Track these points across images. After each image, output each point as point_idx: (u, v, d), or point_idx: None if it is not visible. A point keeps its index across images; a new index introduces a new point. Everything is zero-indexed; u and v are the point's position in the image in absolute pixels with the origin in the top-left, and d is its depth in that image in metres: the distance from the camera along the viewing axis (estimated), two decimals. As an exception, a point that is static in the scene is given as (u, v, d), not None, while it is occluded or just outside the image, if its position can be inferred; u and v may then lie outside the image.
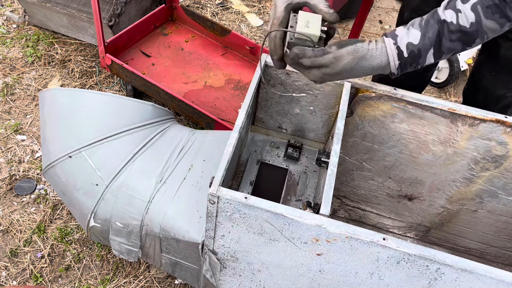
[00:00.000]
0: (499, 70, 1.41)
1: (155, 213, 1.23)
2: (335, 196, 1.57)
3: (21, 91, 2.19)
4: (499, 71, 1.41)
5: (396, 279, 0.96)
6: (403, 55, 0.88)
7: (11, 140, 1.99)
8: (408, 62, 0.89)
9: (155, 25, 2.29)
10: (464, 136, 1.22)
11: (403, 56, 0.89)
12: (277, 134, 1.44)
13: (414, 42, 0.88)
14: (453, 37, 0.86)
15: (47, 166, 1.36)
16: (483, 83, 1.46)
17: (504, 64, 1.38)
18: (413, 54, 0.88)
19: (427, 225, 1.56)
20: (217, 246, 1.06)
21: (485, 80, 1.45)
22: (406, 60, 0.89)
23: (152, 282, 1.62)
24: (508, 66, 1.38)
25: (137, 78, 1.95)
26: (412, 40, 0.88)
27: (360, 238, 0.89)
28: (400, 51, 0.88)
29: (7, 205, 1.78)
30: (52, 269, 1.63)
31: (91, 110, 1.37)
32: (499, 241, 1.51)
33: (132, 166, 1.30)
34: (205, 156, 1.35)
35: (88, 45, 2.41)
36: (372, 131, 1.29)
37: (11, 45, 2.39)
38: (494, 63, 1.41)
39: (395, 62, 0.89)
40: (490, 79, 1.44)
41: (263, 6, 2.87)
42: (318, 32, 0.89)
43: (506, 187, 1.31)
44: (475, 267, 0.86)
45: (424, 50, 0.88)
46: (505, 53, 1.35)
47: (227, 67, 2.17)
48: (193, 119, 1.89)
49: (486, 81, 1.45)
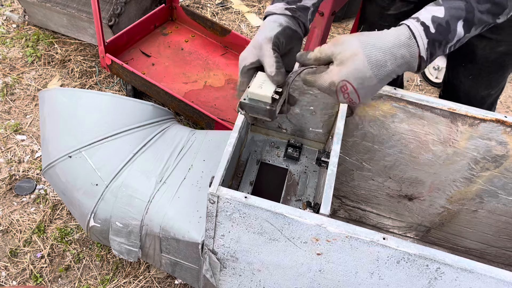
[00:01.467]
0: (478, 73, 1.37)
1: (155, 213, 1.23)
2: (335, 196, 1.57)
3: (21, 91, 2.19)
4: (478, 74, 1.37)
5: (396, 279, 0.96)
6: (429, 31, 0.77)
7: (11, 140, 1.99)
8: (437, 39, 0.78)
9: (155, 25, 2.29)
10: (464, 136, 1.22)
11: (430, 32, 0.77)
12: (277, 134, 1.44)
13: (439, 15, 0.78)
14: (482, 8, 0.78)
15: (47, 166, 1.36)
16: (463, 87, 1.43)
17: (482, 65, 1.34)
18: (440, 28, 0.77)
19: (427, 225, 1.56)
20: (217, 246, 1.06)
21: (464, 85, 1.42)
22: (434, 36, 0.77)
23: (152, 282, 1.62)
24: (487, 67, 1.34)
25: (137, 78, 1.95)
26: (437, 14, 0.78)
27: (360, 238, 0.89)
28: (425, 27, 0.77)
29: (7, 205, 1.78)
30: (52, 269, 1.63)
31: (91, 110, 1.37)
32: (499, 241, 1.51)
33: (132, 166, 1.30)
34: (205, 156, 1.35)
35: (88, 45, 2.41)
36: (372, 131, 1.29)
37: (11, 45, 2.39)
38: (471, 66, 1.37)
39: (423, 41, 0.77)
40: (470, 83, 1.40)
41: (263, 6, 2.87)
42: (270, 93, 0.85)
43: (506, 187, 1.31)
44: (475, 266, 0.86)
45: (453, 21, 0.78)
46: (482, 53, 1.31)
47: (227, 67, 2.17)
48: (193, 119, 1.89)
49: (466, 86, 1.42)
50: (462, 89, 1.44)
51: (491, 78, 1.38)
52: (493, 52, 1.30)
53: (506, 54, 1.31)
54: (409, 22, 0.79)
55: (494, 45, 1.28)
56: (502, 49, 1.29)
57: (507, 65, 1.35)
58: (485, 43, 1.28)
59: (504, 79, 1.42)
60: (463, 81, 1.42)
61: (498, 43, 1.28)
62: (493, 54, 1.31)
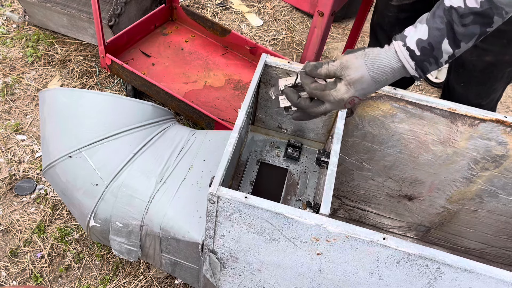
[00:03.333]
0: (468, 81, 1.37)
1: (155, 213, 1.23)
2: (335, 196, 1.58)
3: (21, 91, 2.19)
4: (468, 82, 1.38)
5: (396, 279, 0.96)
6: (415, 54, 0.84)
7: (11, 140, 1.99)
8: (424, 59, 0.84)
9: (155, 25, 2.29)
10: (464, 136, 1.22)
11: (415, 55, 0.84)
12: (277, 134, 1.45)
13: (422, 37, 0.83)
14: (466, 21, 0.80)
15: (47, 166, 1.37)
16: (455, 95, 1.44)
17: (471, 73, 1.34)
18: (424, 50, 0.83)
19: (427, 225, 1.56)
20: (217, 245, 1.06)
21: (457, 92, 1.43)
22: (420, 58, 0.84)
23: (152, 282, 1.62)
24: (475, 76, 1.34)
25: (137, 78, 1.95)
26: (421, 36, 0.83)
27: (360, 238, 0.89)
28: (411, 51, 0.84)
29: (7, 205, 1.78)
30: (52, 269, 1.63)
31: (91, 110, 1.37)
32: (499, 241, 1.51)
33: (132, 166, 1.30)
34: (205, 156, 1.35)
35: (88, 45, 2.41)
36: (372, 131, 1.29)
37: (11, 45, 2.39)
38: (461, 72, 1.37)
39: (410, 64, 0.85)
40: (461, 91, 1.41)
41: (263, 6, 2.87)
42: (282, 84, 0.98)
43: (506, 187, 1.31)
44: (475, 266, 0.86)
45: (435, 42, 0.82)
46: (470, 59, 1.31)
47: (227, 67, 2.17)
48: (193, 119, 1.89)
49: (458, 93, 1.43)
50: (455, 96, 1.45)
51: (479, 88, 1.38)
52: (480, 61, 1.30)
53: (493, 65, 1.30)
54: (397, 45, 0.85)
55: (480, 53, 1.28)
56: (489, 59, 1.28)
57: (495, 77, 1.34)
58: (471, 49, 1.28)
59: (495, 92, 1.40)
60: (456, 88, 1.43)
61: (484, 51, 1.27)
62: (480, 63, 1.30)
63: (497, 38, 1.22)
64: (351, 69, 0.87)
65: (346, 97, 0.89)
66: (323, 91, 0.90)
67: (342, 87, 0.88)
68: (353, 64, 0.87)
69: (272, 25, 2.75)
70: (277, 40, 2.66)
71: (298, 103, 0.95)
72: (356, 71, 0.86)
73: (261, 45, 2.20)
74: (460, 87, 1.41)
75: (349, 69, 0.87)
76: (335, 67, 0.88)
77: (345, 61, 0.87)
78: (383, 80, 0.88)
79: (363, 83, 0.87)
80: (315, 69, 0.91)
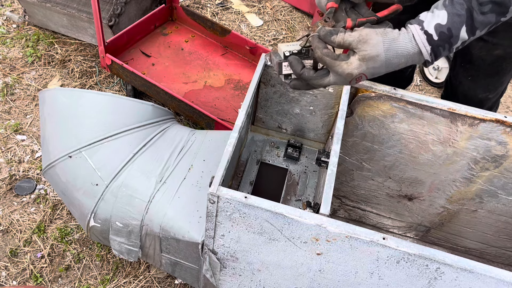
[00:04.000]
0: (476, 74, 1.37)
1: (155, 213, 1.23)
2: (335, 196, 1.58)
3: (21, 91, 2.20)
4: (476, 75, 1.38)
5: (396, 279, 0.96)
6: (432, 39, 0.83)
7: (11, 140, 1.99)
8: (440, 44, 0.83)
9: (155, 25, 2.29)
10: (464, 136, 1.22)
11: (433, 40, 0.83)
12: (277, 134, 1.45)
13: (442, 22, 0.82)
14: (485, 9, 0.80)
15: (47, 166, 1.37)
16: (462, 89, 1.44)
17: (479, 67, 1.35)
18: (443, 35, 0.82)
19: (427, 225, 1.56)
20: (217, 245, 1.06)
21: (463, 86, 1.43)
22: (437, 43, 0.83)
23: (152, 282, 1.62)
24: (484, 69, 1.35)
25: (137, 78, 1.95)
26: (440, 21, 0.82)
27: (360, 238, 0.89)
28: (429, 35, 0.83)
29: (7, 205, 1.78)
30: (52, 269, 1.63)
31: (91, 110, 1.37)
32: (499, 241, 1.51)
33: (132, 166, 1.30)
34: (205, 156, 1.35)
35: (88, 45, 2.42)
36: (372, 131, 1.29)
37: (11, 45, 2.39)
38: (469, 67, 1.38)
39: (426, 48, 0.83)
40: (469, 84, 1.41)
41: (263, 6, 2.87)
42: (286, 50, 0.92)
43: (506, 187, 1.31)
44: (475, 266, 0.86)
45: (454, 28, 0.82)
46: (478, 54, 1.32)
47: (227, 67, 2.17)
48: (193, 119, 1.89)
49: (465, 87, 1.43)
50: (461, 90, 1.45)
51: (488, 81, 1.38)
52: (489, 55, 1.31)
53: (503, 58, 1.31)
54: (414, 29, 0.84)
55: (490, 48, 1.29)
56: (498, 53, 1.29)
57: (504, 70, 1.35)
58: (481, 45, 1.29)
59: (502, 85, 1.42)
60: (463, 82, 1.43)
61: (494, 46, 1.28)
62: (490, 57, 1.31)
63: (508, 32, 1.23)
64: (369, 45, 0.83)
65: (356, 73, 0.85)
66: (335, 60, 0.86)
67: (355, 61, 0.85)
68: (372, 40, 0.83)
69: (272, 25, 2.75)
70: (277, 40, 2.66)
71: (301, 74, 0.90)
72: (374, 48, 0.83)
73: (261, 45, 2.20)
74: (468, 80, 1.41)
75: (367, 44, 0.83)
76: (353, 38, 0.84)
77: (364, 35, 0.84)
78: (395, 63, 0.85)
79: (376, 62, 0.84)
80: (330, 35, 0.87)
